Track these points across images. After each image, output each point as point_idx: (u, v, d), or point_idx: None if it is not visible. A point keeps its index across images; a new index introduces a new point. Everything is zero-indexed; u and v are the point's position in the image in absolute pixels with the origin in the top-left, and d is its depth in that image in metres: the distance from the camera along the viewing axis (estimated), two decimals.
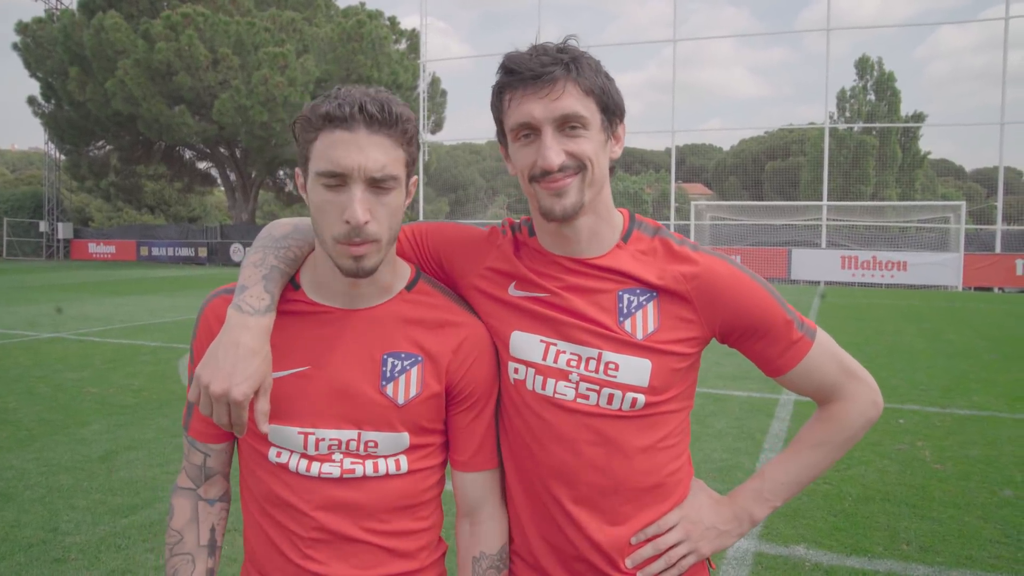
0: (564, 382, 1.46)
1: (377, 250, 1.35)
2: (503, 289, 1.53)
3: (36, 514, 4.47)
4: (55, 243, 38.43)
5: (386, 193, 1.33)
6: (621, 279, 1.48)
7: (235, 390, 1.29)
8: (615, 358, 1.44)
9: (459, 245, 1.61)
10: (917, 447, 6.00)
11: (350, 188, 1.30)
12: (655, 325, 1.46)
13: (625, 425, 1.47)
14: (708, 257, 1.50)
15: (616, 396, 1.45)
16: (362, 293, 1.45)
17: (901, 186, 42.02)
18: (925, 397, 7.77)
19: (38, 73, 35.42)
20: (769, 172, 47.98)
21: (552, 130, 1.37)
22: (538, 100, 1.36)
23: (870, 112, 43.08)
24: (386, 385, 1.43)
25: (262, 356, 1.34)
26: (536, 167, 1.38)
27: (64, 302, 16.52)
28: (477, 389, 1.51)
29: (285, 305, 1.46)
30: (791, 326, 1.48)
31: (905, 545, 4.16)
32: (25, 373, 8.59)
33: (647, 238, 1.53)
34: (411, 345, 1.46)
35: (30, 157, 74.84)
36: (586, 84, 1.38)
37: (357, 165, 1.29)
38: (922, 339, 12.06)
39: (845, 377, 1.53)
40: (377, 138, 1.32)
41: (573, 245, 1.49)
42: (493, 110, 1.47)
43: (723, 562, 3.95)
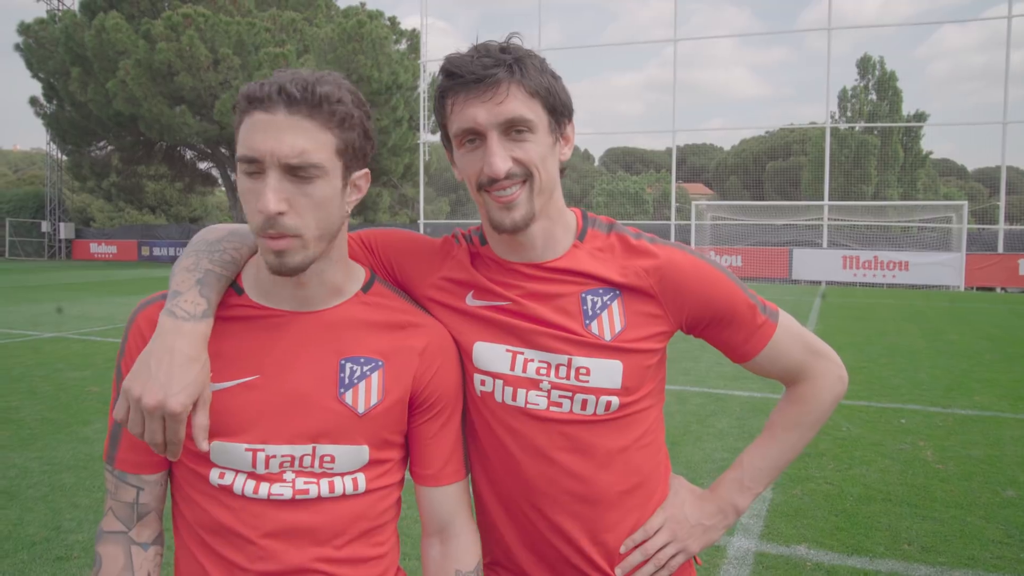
0: (535, 391, 1.41)
1: (302, 246, 1.23)
2: (460, 299, 1.47)
3: (39, 512, 4.48)
4: (57, 243, 38.47)
5: (307, 182, 1.21)
6: (582, 280, 1.43)
7: (172, 400, 1.16)
8: (585, 362, 1.40)
9: (412, 254, 1.54)
10: (919, 447, 6.00)
11: (266, 175, 1.19)
12: (622, 324, 1.42)
13: (601, 429, 1.43)
14: (667, 249, 1.46)
15: (590, 401, 1.41)
16: (311, 295, 1.33)
17: (903, 186, 41.98)
18: (927, 397, 7.77)
19: (40, 74, 35.45)
20: (770, 172, 47.96)
21: (497, 135, 1.31)
22: (481, 104, 1.30)
23: (872, 112, 43.07)
24: (344, 392, 1.31)
25: (200, 364, 1.22)
26: (483, 175, 1.33)
27: (66, 302, 16.54)
28: (444, 395, 1.41)
29: (227, 311, 1.33)
30: (755, 310, 1.47)
31: (907, 545, 4.16)
32: (27, 372, 8.60)
33: (602, 235, 1.49)
34: (370, 349, 1.35)
35: (32, 157, 74.93)
36: (531, 85, 1.32)
37: (269, 150, 1.18)
38: (924, 339, 12.04)
39: (811, 356, 1.51)
40: (296, 120, 1.19)
41: (528, 251, 1.44)
42: (436, 115, 1.41)
43: (724, 562, 3.95)
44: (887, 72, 43.71)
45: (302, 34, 33.60)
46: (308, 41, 33.39)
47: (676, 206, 30.10)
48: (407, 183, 38.36)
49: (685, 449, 5.88)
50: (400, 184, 39.79)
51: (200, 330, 1.25)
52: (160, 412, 1.17)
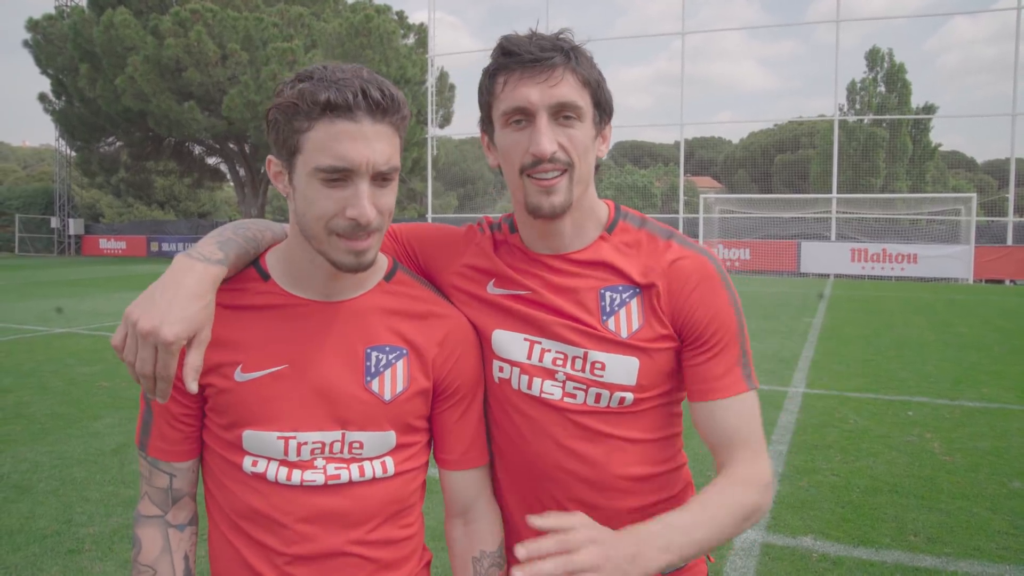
0: (551, 381, 1.43)
1: (378, 242, 1.29)
2: (482, 287, 1.49)
3: (50, 506, 4.53)
4: (66, 239, 38.67)
5: (388, 184, 1.26)
6: (603, 274, 1.44)
7: (165, 328, 1.15)
8: (601, 357, 1.40)
9: (436, 243, 1.57)
10: (926, 439, 6.00)
11: (355, 183, 1.21)
12: (639, 323, 1.41)
13: (615, 420, 1.43)
14: (690, 252, 1.44)
15: (604, 395, 1.42)
16: (341, 285, 1.36)
17: (912, 178, 41.74)
18: (934, 389, 7.75)
19: (49, 70, 35.59)
20: (778, 165, 47.75)
21: (547, 117, 1.32)
22: (535, 85, 1.31)
23: (880, 104, 42.80)
24: (371, 381, 1.34)
25: (204, 303, 1.23)
26: (527, 155, 1.33)
27: (75, 297, 16.64)
28: (465, 383, 1.44)
29: (254, 298, 1.35)
30: (740, 360, 1.41)
31: (913, 536, 4.17)
32: (38, 368, 8.68)
33: (633, 229, 1.48)
34: (395, 337, 1.37)
35: (41, 154, 75.28)
36: (583, 75, 1.35)
37: (365, 160, 1.20)
38: (932, 331, 12.01)
39: (755, 444, 1.40)
40: (381, 128, 1.23)
41: (556, 241, 1.45)
42: (482, 94, 1.41)
43: (731, 553, 3.97)
44: (896, 64, 43.42)
45: (310, 29, 33.62)
46: (316, 36, 33.41)
47: (684, 199, 30.02)
48: (415, 177, 38.37)
49: (693, 442, 5.84)
50: (408, 179, 39.82)
51: (212, 272, 1.27)
52: (153, 339, 1.15)
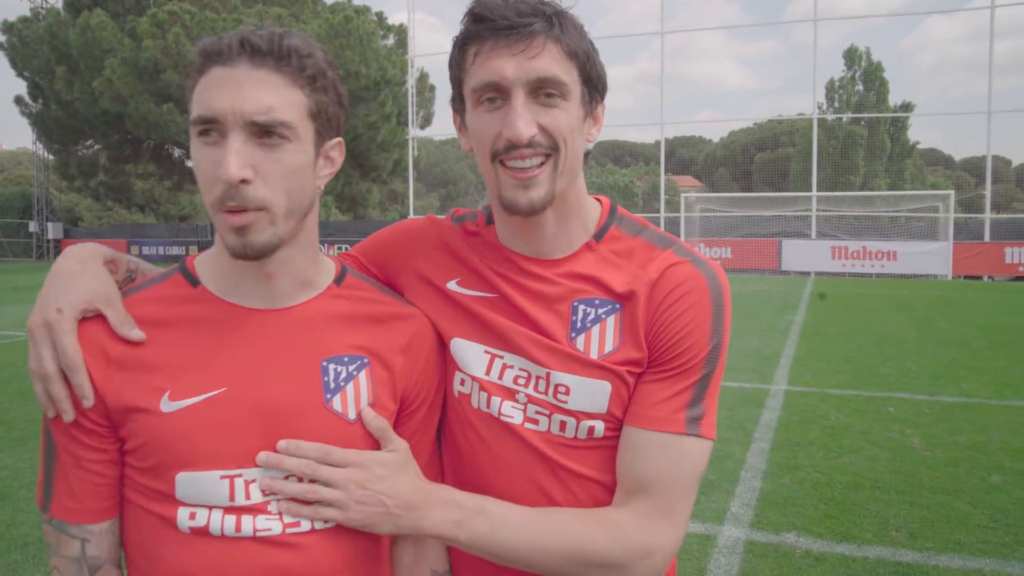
0: (511, 402, 1.23)
1: (269, 222, 1.06)
2: (442, 283, 1.30)
3: (31, 513, 4.48)
4: (45, 243, 38.17)
5: (276, 147, 1.05)
6: (581, 286, 1.24)
7: (49, 308, 1.05)
8: (566, 379, 1.20)
9: (391, 244, 1.39)
10: (906, 435, 6.06)
11: (227, 138, 1.03)
12: (615, 343, 1.21)
13: (585, 456, 1.23)
14: (688, 261, 1.23)
15: (569, 424, 1.21)
16: (280, 289, 1.15)
17: (890, 176, 42.16)
18: (914, 385, 7.84)
19: (25, 72, 35.11)
20: (759, 163, 48.11)
21: (524, 95, 1.12)
22: (511, 56, 1.11)
23: (859, 102, 43.21)
24: (331, 399, 1.13)
25: (86, 274, 1.10)
26: (501, 139, 1.14)
27: None
28: (430, 394, 1.26)
29: (181, 308, 1.13)
30: (692, 395, 1.18)
31: (894, 531, 4.21)
32: (17, 373, 8.57)
33: (627, 237, 1.27)
34: (352, 346, 1.18)
35: (18, 157, 74.28)
36: (569, 45, 1.14)
37: (231, 107, 1.02)
38: (912, 328, 12.14)
39: (661, 503, 1.16)
40: (261, 74, 1.04)
41: (535, 242, 1.25)
42: (452, 68, 1.21)
43: (714, 550, 3.99)
44: (873, 63, 43.84)
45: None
46: None
47: (665, 198, 30.15)
48: (396, 179, 38.25)
49: None
50: (389, 180, 39.67)
51: (86, 247, 1.15)
52: (45, 329, 1.04)
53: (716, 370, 1.21)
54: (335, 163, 1.18)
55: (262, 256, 1.08)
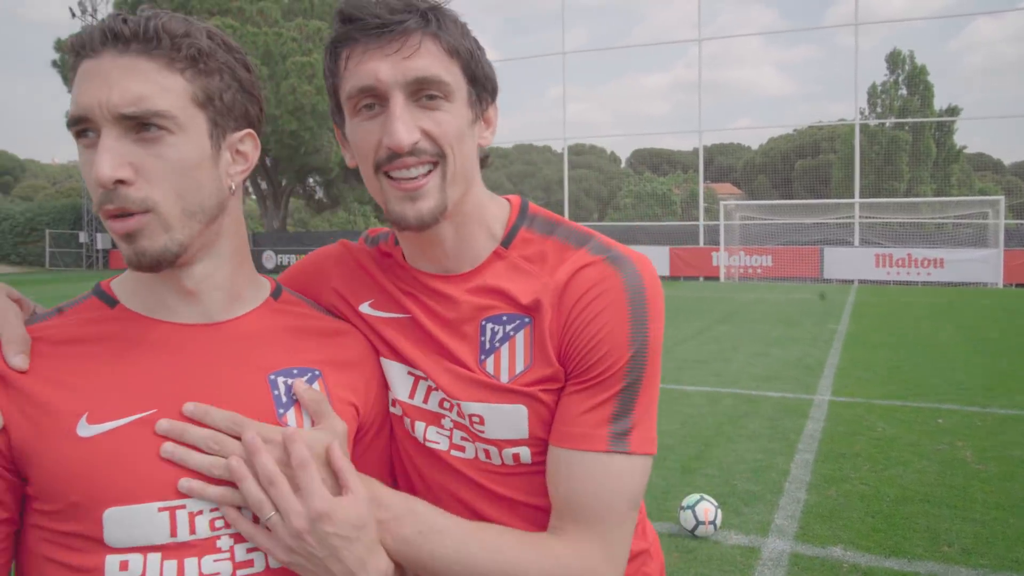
0: (436, 428, 1.15)
1: (160, 226, 0.93)
2: (354, 305, 1.22)
3: None
4: (94, 253, 39.23)
5: (156, 141, 0.92)
6: (490, 301, 1.13)
7: None
8: (477, 408, 1.10)
9: (305, 273, 1.30)
10: (957, 447, 5.89)
11: (100, 137, 0.92)
12: (527, 362, 1.10)
13: (516, 483, 1.14)
14: (600, 259, 1.11)
15: (492, 452, 1.13)
16: (207, 304, 1.03)
17: (936, 182, 41.24)
18: (965, 396, 7.62)
19: None
20: (799, 170, 47.47)
21: (403, 98, 1.03)
22: (384, 57, 1.02)
23: (902, 107, 42.36)
24: (284, 413, 1.02)
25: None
26: (381, 148, 1.04)
27: None
28: (380, 413, 1.18)
29: (98, 328, 1.00)
30: (614, 408, 1.07)
31: (947, 547, 4.08)
32: None
33: (538, 238, 1.16)
34: (301, 359, 1.08)
35: (69, 170, 76.64)
36: (449, 42, 1.05)
37: (97, 101, 0.90)
38: (961, 337, 11.82)
39: (595, 525, 1.06)
40: (127, 60, 0.92)
41: (437, 258, 1.16)
42: (325, 76, 1.12)
43: (759, 563, 3.91)
44: (918, 66, 42.97)
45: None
46: None
47: (704, 206, 29.89)
48: None
49: (717, 451, 5.84)
50: None
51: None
52: None
53: (644, 378, 1.08)
54: (248, 158, 1.05)
55: (160, 266, 0.95)
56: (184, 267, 1.00)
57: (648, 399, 1.09)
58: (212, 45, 0.98)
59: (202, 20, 1.01)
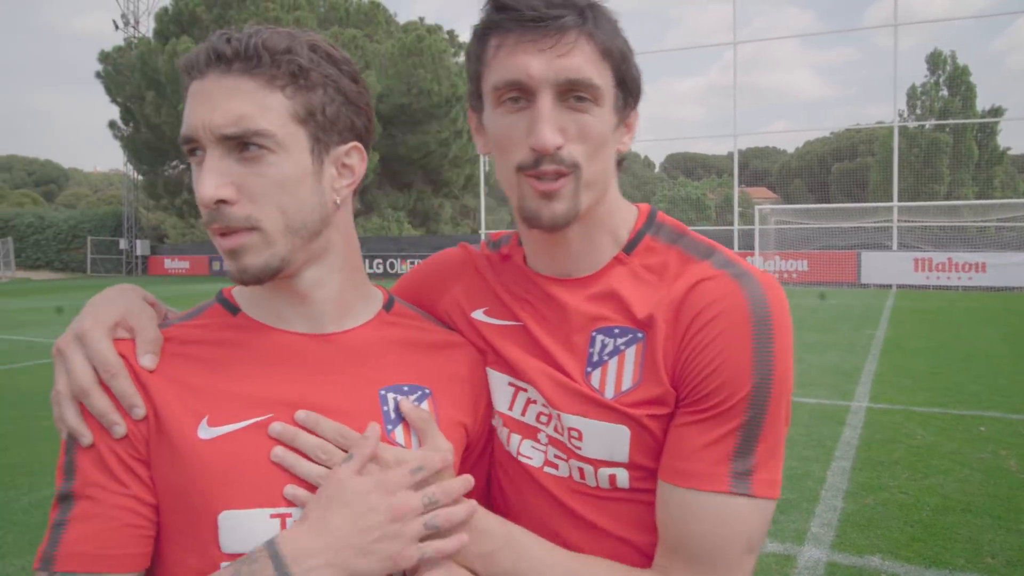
0: (532, 442, 1.11)
1: (263, 243, 0.95)
2: (467, 312, 1.20)
3: None
4: (134, 259, 40.06)
5: (257, 160, 0.94)
6: (605, 310, 1.08)
7: (79, 326, 0.96)
8: (576, 423, 1.05)
9: (424, 279, 1.29)
10: (1001, 456, 5.74)
11: (204, 157, 0.95)
12: (635, 379, 1.04)
13: (611, 509, 1.07)
14: (725, 275, 1.03)
15: (587, 471, 1.06)
16: (320, 313, 1.05)
17: (978, 184, 40.37)
18: (1008, 404, 7.42)
19: (118, 98, 37.08)
20: (836, 174, 46.79)
21: (552, 97, 0.99)
22: (538, 52, 0.98)
23: (943, 108, 41.57)
24: (392, 430, 1.02)
25: (125, 298, 1.03)
26: (524, 149, 1.01)
27: None
28: (486, 431, 1.16)
29: (220, 333, 1.03)
30: (736, 443, 0.98)
31: (990, 559, 3.98)
32: None
33: (661, 247, 1.11)
34: (412, 375, 1.08)
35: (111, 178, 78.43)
36: (604, 43, 1.01)
37: (201, 122, 0.93)
38: (1004, 343, 11.52)
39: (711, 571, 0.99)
40: (230, 81, 0.94)
41: (560, 260, 1.13)
42: (469, 61, 1.08)
43: (794, 571, 3.86)
44: (959, 67, 42.17)
45: (363, 50, 34.34)
46: (369, 57, 34.10)
47: (739, 211, 29.57)
48: (468, 194, 38.74)
49: None
50: (461, 195, 40.18)
51: (128, 284, 1.09)
52: (74, 343, 0.95)
53: (767, 414, 0.99)
54: (355, 171, 1.05)
55: (261, 280, 0.98)
56: (291, 277, 1.02)
57: (774, 438, 1.00)
58: (314, 59, 0.98)
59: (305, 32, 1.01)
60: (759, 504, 0.98)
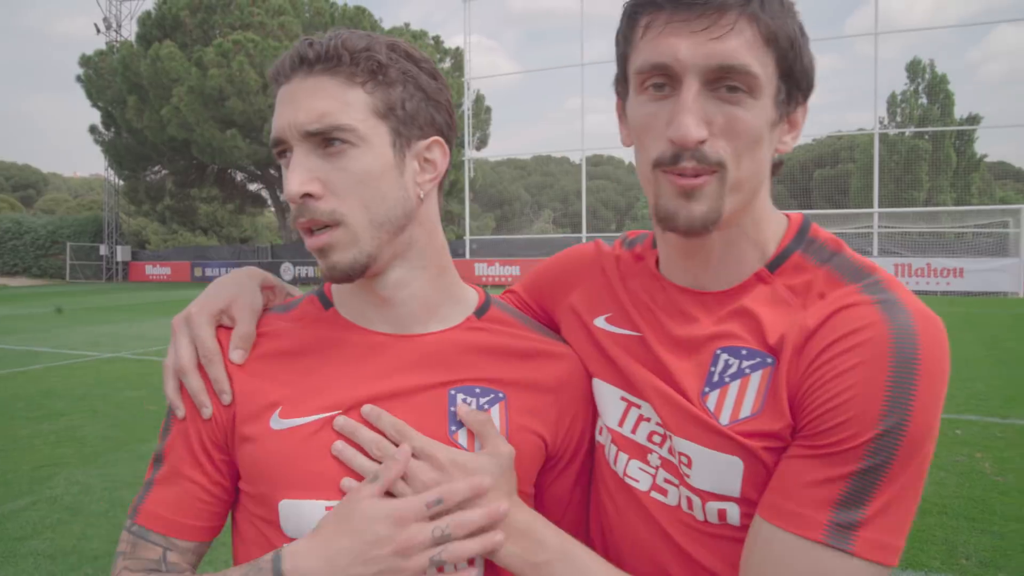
0: (640, 463, 1.03)
1: (349, 239, 0.98)
2: (591, 318, 1.13)
3: (101, 527, 4.64)
4: (114, 265, 39.66)
5: (340, 155, 0.96)
6: (737, 328, 0.98)
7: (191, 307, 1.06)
8: (686, 447, 0.96)
9: (550, 276, 1.25)
10: (976, 459, 5.83)
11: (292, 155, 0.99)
12: (755, 407, 0.93)
13: (719, 546, 0.97)
14: (870, 301, 0.90)
15: (695, 502, 0.97)
16: (405, 315, 1.06)
17: (956, 191, 40.82)
18: (984, 407, 7.54)
19: (99, 103, 36.77)
20: (818, 180, 47.14)
21: (699, 85, 0.89)
22: (689, 34, 0.88)
23: (922, 116, 42.04)
24: (456, 431, 1.02)
25: (238, 284, 1.10)
26: (663, 141, 0.91)
27: (123, 323, 17.06)
28: (583, 446, 1.12)
29: (309, 328, 1.07)
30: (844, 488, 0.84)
31: (964, 560, 4.05)
32: (89, 392, 8.90)
33: (811, 266, 0.98)
34: (486, 378, 1.06)
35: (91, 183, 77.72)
36: (768, 27, 0.89)
37: (288, 122, 0.97)
38: (981, 347, 11.68)
39: None
40: (313, 81, 0.97)
41: (694, 271, 1.03)
42: (617, 43, 0.98)
43: None
44: (938, 75, 42.64)
45: None
46: None
47: None
48: (453, 199, 38.70)
49: None
50: (447, 200, 40.06)
51: (250, 268, 1.16)
52: (184, 325, 1.05)
53: (893, 464, 0.83)
54: (437, 166, 1.05)
55: (351, 277, 1.00)
56: (376, 276, 1.05)
57: (898, 495, 0.84)
58: (393, 56, 1.01)
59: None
60: (858, 565, 0.83)
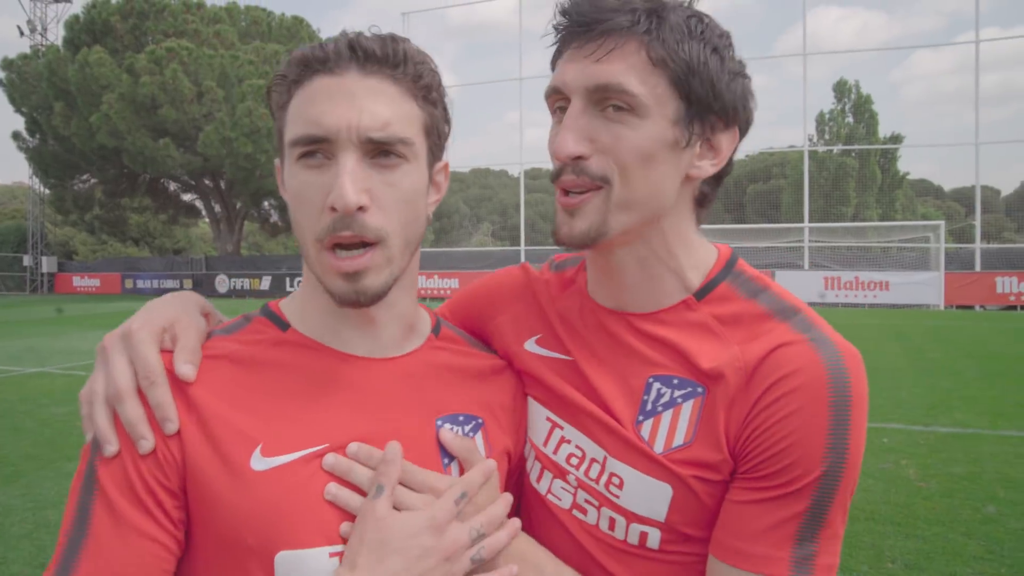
0: (561, 482, 1.05)
1: (386, 260, 0.90)
2: (520, 341, 1.14)
3: (23, 550, 4.44)
4: (39, 277, 38.13)
5: (392, 169, 0.89)
6: (664, 357, 1.00)
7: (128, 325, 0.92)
8: (621, 470, 0.99)
9: (478, 296, 1.25)
10: (901, 465, 6.05)
11: (337, 159, 0.88)
12: (687, 437, 0.96)
13: (637, 566, 1.00)
14: (806, 340, 0.94)
15: (618, 523, 1.00)
16: (384, 335, 1.00)
17: (881, 207, 42.55)
18: (909, 415, 7.84)
19: (23, 108, 35.43)
20: (751, 195, 48.54)
21: (583, 104, 0.93)
22: (581, 59, 0.93)
23: (849, 134, 43.76)
24: (449, 463, 0.98)
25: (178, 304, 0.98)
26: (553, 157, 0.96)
27: (49, 336, 16.39)
28: (522, 459, 1.12)
29: (270, 351, 0.96)
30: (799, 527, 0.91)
31: (890, 563, 4.19)
32: (11, 409, 8.50)
33: (739, 299, 1.02)
34: (466, 405, 1.03)
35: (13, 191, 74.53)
36: (660, 50, 0.91)
37: (345, 122, 0.87)
38: (905, 358, 12.15)
39: None
40: (374, 83, 0.89)
41: (615, 292, 1.05)
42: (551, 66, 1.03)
43: None
44: (863, 96, 44.47)
45: None
46: None
47: None
48: None
49: None
50: None
51: (187, 292, 1.04)
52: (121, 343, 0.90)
53: (836, 498, 0.91)
54: (441, 189, 1.03)
55: (374, 303, 0.92)
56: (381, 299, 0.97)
57: (839, 521, 0.93)
58: (437, 76, 0.96)
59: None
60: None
